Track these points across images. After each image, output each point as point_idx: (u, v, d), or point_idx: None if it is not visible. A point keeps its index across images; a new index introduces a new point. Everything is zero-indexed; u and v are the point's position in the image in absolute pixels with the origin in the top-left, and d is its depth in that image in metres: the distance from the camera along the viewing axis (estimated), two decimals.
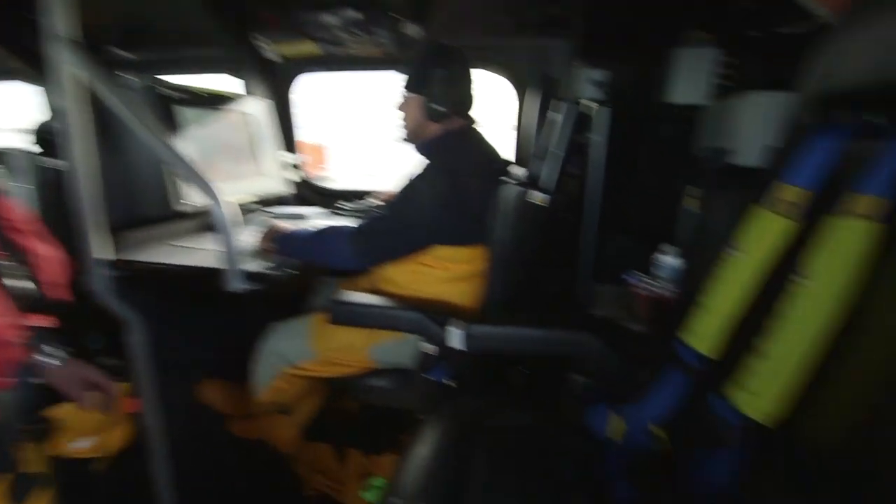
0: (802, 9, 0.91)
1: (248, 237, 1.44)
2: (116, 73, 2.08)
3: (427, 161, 1.38)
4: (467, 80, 1.37)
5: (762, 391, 0.59)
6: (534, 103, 1.96)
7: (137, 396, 1.50)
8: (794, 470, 0.55)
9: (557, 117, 1.19)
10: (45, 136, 1.62)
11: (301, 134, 2.23)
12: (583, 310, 1.27)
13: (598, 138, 1.17)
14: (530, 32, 1.83)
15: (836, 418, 0.52)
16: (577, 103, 1.17)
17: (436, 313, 1.18)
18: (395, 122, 1.45)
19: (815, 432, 0.54)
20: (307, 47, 1.95)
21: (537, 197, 1.16)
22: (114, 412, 1.56)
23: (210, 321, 1.67)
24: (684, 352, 0.79)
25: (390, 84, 1.45)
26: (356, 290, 1.67)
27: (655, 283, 1.56)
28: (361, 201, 1.98)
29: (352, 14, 1.81)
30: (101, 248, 1.25)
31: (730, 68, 1.49)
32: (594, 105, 1.40)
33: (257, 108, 1.87)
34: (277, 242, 1.35)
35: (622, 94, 1.61)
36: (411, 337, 1.31)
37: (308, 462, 1.69)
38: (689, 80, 1.57)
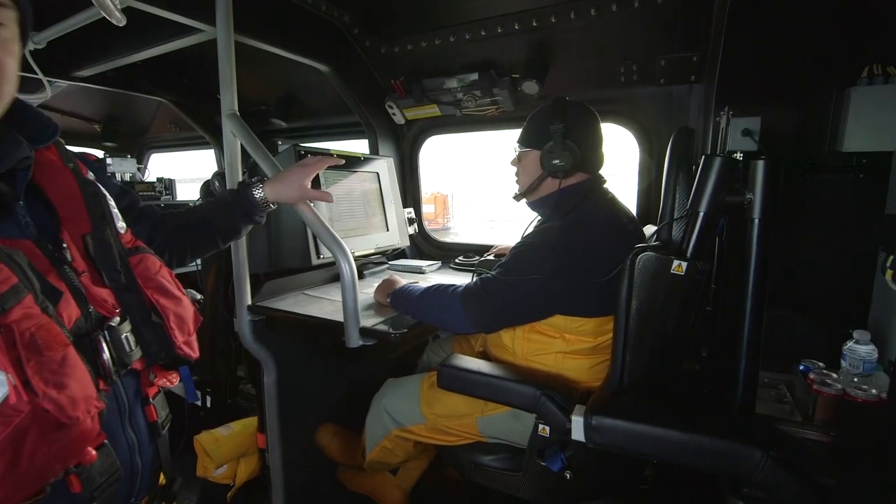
0: None
1: (369, 289, 1.50)
2: (273, 139, 2.46)
3: (546, 220, 1.31)
4: (591, 135, 1.29)
5: None
6: (661, 156, 1.80)
7: (264, 432, 1.62)
8: None
9: (699, 173, 1.03)
10: (210, 190, 1.93)
11: (427, 185, 2.35)
12: (737, 404, 1.03)
13: (753, 196, 0.98)
14: (657, 81, 1.70)
15: None
16: (724, 156, 1.01)
17: (554, 391, 1.07)
18: (512, 179, 1.42)
19: None
20: (430, 110, 2.08)
21: (677, 265, 1.00)
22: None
23: (333, 368, 1.75)
24: None
25: (509, 142, 1.45)
26: (467, 350, 1.64)
27: (841, 378, 1.23)
28: (479, 257, 1.98)
29: (471, 77, 1.90)
30: (248, 295, 1.42)
31: None
32: (740, 157, 1.22)
33: (384, 168, 2.01)
34: (392, 297, 1.36)
35: (779, 144, 1.39)
36: (523, 412, 1.21)
37: None
38: (871, 123, 1.30)
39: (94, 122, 2.98)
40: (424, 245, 2.33)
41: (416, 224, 2.18)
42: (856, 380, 1.23)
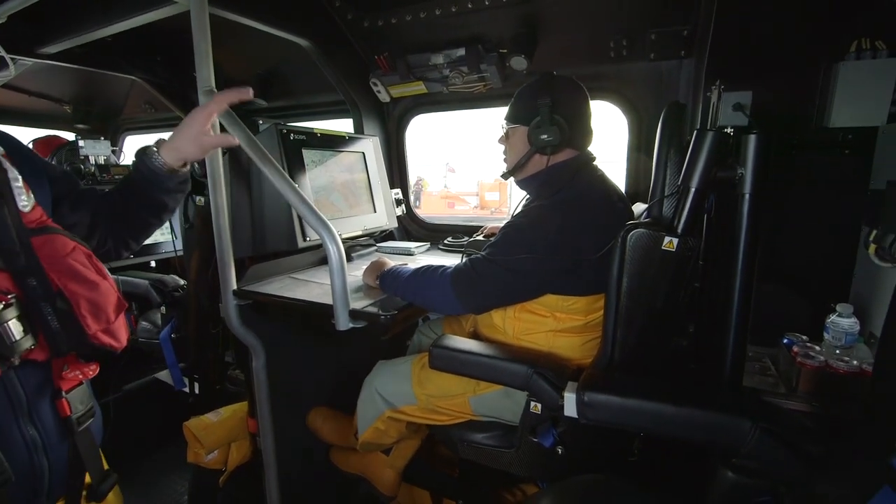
0: None
1: (357, 272, 1.48)
2: (253, 118, 2.39)
3: (535, 199, 1.29)
4: (579, 110, 1.27)
5: None
6: (650, 133, 1.79)
7: (255, 417, 1.61)
8: None
9: (690, 148, 1.02)
10: (193, 175, 1.87)
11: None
12: (725, 378, 1.05)
13: (744, 171, 0.98)
14: (647, 56, 1.68)
15: None
16: (716, 131, 1.00)
17: (546, 369, 1.07)
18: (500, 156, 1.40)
19: None
20: (416, 87, 2.02)
21: (668, 241, 1.00)
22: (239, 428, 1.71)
23: (323, 351, 1.73)
24: None
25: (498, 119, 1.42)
26: (458, 331, 1.64)
27: (824, 351, 1.26)
28: (468, 237, 1.96)
29: (458, 52, 1.85)
30: (232, 279, 1.38)
31: None
32: (731, 132, 1.22)
33: (370, 147, 1.97)
34: (381, 279, 1.34)
35: (769, 118, 1.38)
36: (515, 390, 1.21)
37: None
38: (858, 98, 1.31)
39: (63, 102, 2.84)
40: (412, 226, 2.30)
41: (403, 205, 2.14)
42: (838, 352, 1.26)
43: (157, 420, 2.18)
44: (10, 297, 0.67)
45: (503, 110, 1.38)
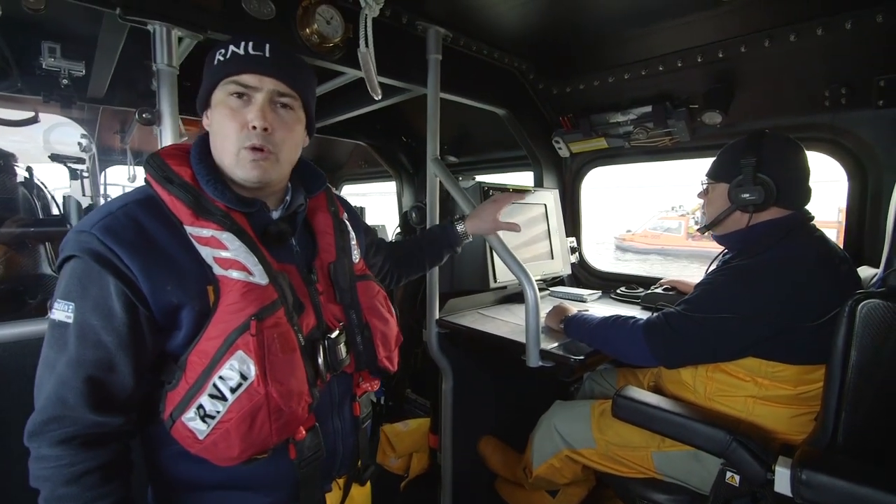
0: None
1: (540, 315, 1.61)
2: (456, 175, 2.78)
3: (736, 256, 1.26)
4: (790, 170, 1.21)
5: None
6: (877, 188, 1.55)
7: (437, 433, 1.82)
8: None
9: None
10: (408, 220, 2.29)
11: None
12: None
13: None
14: (874, 104, 1.49)
15: None
16: None
17: (749, 438, 1.02)
18: (698, 211, 1.41)
19: None
20: (597, 143, 2.13)
21: None
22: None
23: (495, 384, 1.89)
24: None
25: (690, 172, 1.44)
26: (633, 382, 1.63)
27: None
28: (642, 289, 1.94)
29: (644, 109, 1.90)
30: (437, 310, 1.65)
31: None
32: None
33: (551, 199, 2.13)
34: (566, 324, 1.44)
35: None
36: (705, 454, 1.17)
37: None
38: None
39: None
40: (582, 273, 2.36)
41: (577, 253, 2.23)
42: None
43: None
44: (340, 324, 0.89)
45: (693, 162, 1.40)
